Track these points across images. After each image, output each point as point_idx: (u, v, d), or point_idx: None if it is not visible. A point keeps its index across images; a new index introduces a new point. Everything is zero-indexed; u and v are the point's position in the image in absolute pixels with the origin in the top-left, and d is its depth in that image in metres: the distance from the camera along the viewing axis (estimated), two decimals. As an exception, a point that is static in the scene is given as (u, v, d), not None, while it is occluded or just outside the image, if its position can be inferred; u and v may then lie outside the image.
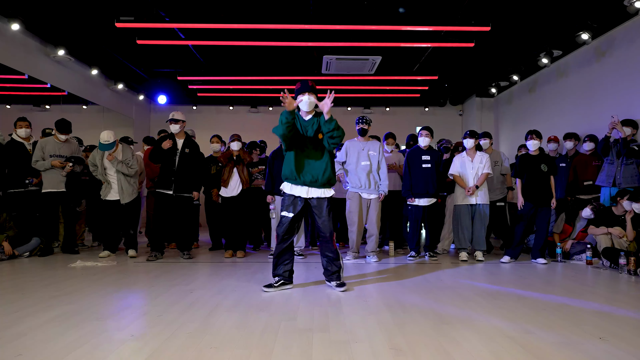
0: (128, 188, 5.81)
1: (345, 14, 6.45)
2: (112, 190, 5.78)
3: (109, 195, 5.79)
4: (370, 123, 5.72)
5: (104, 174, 5.77)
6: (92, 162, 5.80)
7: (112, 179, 5.78)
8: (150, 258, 5.55)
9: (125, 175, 5.77)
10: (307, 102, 3.89)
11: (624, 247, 5.19)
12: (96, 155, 5.79)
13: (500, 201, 6.43)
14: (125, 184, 5.79)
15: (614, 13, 6.27)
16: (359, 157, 5.58)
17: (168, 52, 8.22)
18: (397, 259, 5.81)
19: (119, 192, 5.77)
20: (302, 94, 3.88)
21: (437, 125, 11.23)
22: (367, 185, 5.57)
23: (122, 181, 5.77)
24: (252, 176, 6.24)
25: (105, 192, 5.79)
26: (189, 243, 5.93)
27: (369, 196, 5.62)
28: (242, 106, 12.09)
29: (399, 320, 2.97)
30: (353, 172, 5.61)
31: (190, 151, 5.68)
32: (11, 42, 6.95)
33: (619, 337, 2.64)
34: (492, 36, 6.98)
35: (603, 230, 5.37)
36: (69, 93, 8.53)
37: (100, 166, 5.75)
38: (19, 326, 2.78)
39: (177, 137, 5.66)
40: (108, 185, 5.77)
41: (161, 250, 5.68)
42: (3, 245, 5.50)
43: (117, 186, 5.76)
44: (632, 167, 5.55)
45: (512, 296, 3.71)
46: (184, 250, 5.76)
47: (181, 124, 5.63)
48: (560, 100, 8.15)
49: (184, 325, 2.81)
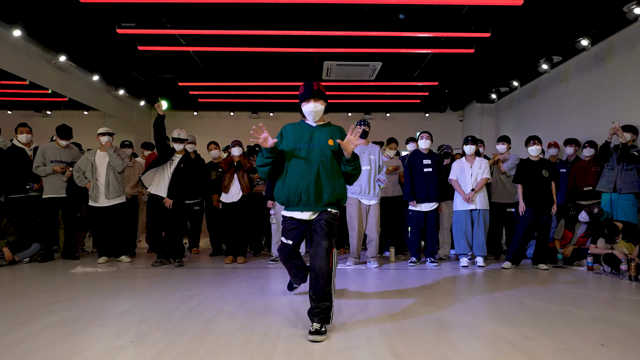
0: (115, 186, 5.84)
1: (345, 20, 6.48)
2: (100, 194, 5.79)
3: (99, 201, 5.80)
4: (370, 126, 5.72)
5: (93, 174, 5.77)
6: (79, 166, 5.82)
7: (100, 178, 5.79)
8: (155, 264, 5.57)
9: (115, 173, 5.82)
10: (312, 111, 3.13)
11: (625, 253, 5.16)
12: (88, 156, 5.86)
13: (510, 206, 6.38)
14: (113, 180, 5.82)
15: (613, 19, 6.29)
16: (360, 161, 5.57)
17: (169, 58, 8.24)
18: (398, 265, 5.80)
19: (104, 191, 5.77)
20: (306, 101, 3.13)
21: (438, 130, 11.28)
22: (366, 191, 5.56)
23: (110, 178, 5.80)
24: (253, 182, 6.25)
25: (95, 195, 5.79)
26: (181, 251, 5.79)
27: (368, 202, 5.62)
28: (243, 112, 12.12)
29: (400, 326, 2.96)
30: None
31: (185, 166, 5.66)
32: (13, 48, 6.97)
33: (620, 343, 2.63)
34: (492, 42, 7.00)
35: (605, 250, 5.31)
36: (70, 99, 8.55)
37: (91, 166, 5.77)
38: (19, 332, 2.77)
39: (177, 153, 5.69)
40: (95, 188, 5.77)
41: (166, 257, 5.66)
42: (3, 251, 5.50)
43: (105, 184, 5.77)
44: (633, 172, 5.55)
45: (513, 302, 3.70)
46: (175, 258, 5.66)
47: (186, 143, 5.71)
48: (561, 106, 8.16)
49: (184, 331, 2.80)
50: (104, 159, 5.85)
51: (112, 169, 5.83)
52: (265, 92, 10.33)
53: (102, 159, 5.85)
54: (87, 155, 5.90)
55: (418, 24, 6.54)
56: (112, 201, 5.84)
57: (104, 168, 5.82)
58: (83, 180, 5.81)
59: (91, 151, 5.98)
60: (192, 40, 7.26)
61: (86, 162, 5.83)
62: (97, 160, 5.84)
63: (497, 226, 6.29)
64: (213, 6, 6.01)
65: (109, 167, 5.82)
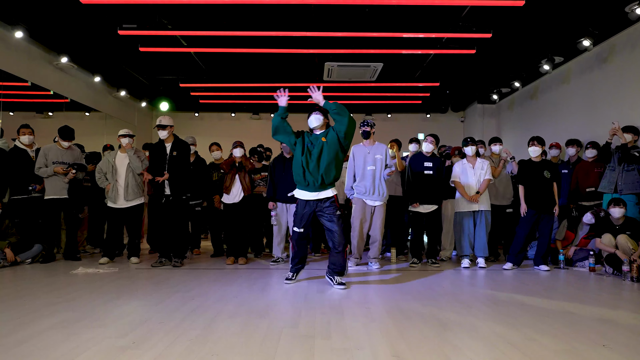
0: (134, 187, 5.88)
1: (346, 21, 6.49)
2: (119, 196, 5.82)
3: (117, 202, 5.83)
4: (374, 126, 5.71)
5: (113, 175, 5.81)
6: (101, 167, 5.89)
7: (120, 179, 5.83)
8: (155, 264, 5.56)
9: (134, 175, 5.86)
10: (312, 118, 4.53)
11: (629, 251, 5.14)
12: (108, 157, 5.93)
13: (509, 207, 6.38)
14: (132, 182, 5.86)
15: (615, 20, 6.28)
16: (365, 161, 5.56)
17: (170, 59, 8.26)
18: (399, 266, 5.79)
19: (123, 192, 5.80)
20: (310, 115, 4.55)
21: (439, 131, 11.17)
22: (371, 191, 5.54)
23: (129, 179, 5.83)
24: (255, 183, 6.24)
25: (113, 196, 5.82)
26: (182, 250, 5.79)
27: (373, 203, 5.59)
28: (244, 113, 12.14)
29: (401, 327, 2.96)
30: (359, 177, 5.59)
31: (179, 153, 5.65)
32: (15, 50, 7.00)
33: (622, 344, 2.63)
34: (494, 43, 7.00)
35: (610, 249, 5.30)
36: (71, 100, 8.58)
37: (112, 167, 5.82)
38: (20, 333, 2.77)
39: (166, 141, 5.66)
40: (114, 189, 5.81)
41: (168, 256, 5.65)
42: (5, 252, 5.51)
43: (124, 186, 5.81)
44: (634, 173, 5.54)
45: (515, 303, 3.70)
46: (175, 258, 5.64)
47: (169, 129, 5.63)
48: (562, 106, 8.15)
49: (186, 332, 2.81)
50: (124, 160, 5.88)
51: (132, 170, 5.86)
52: (267, 93, 10.34)
53: (122, 160, 5.90)
54: (107, 157, 5.96)
55: (419, 24, 6.54)
56: (131, 202, 5.87)
57: (123, 169, 5.86)
58: (104, 181, 5.87)
59: (111, 152, 6.04)
60: (193, 42, 7.28)
61: (107, 163, 5.88)
62: (118, 161, 5.89)
63: (496, 228, 6.28)
64: (214, 7, 6.02)
65: (128, 169, 5.85)
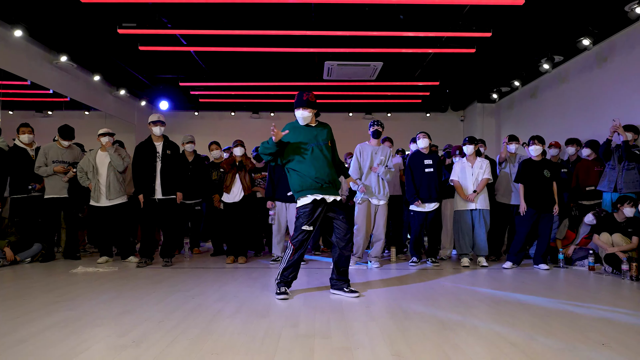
0: (116, 186, 5.83)
1: (346, 20, 6.48)
2: (101, 195, 5.80)
3: (100, 201, 5.81)
4: (383, 126, 5.71)
5: (95, 174, 5.78)
6: (82, 167, 5.84)
7: (101, 179, 5.79)
8: (140, 265, 5.52)
9: (115, 173, 5.82)
10: (300, 117, 3.99)
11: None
12: (89, 156, 5.87)
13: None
14: (114, 180, 5.81)
15: (615, 19, 6.28)
16: (373, 160, 5.55)
17: (170, 58, 8.25)
18: (399, 265, 5.79)
19: (105, 191, 5.77)
20: (296, 109, 3.99)
21: (439, 131, 11.30)
22: (376, 190, 5.54)
23: (111, 178, 5.79)
24: (255, 182, 6.24)
25: (96, 196, 5.80)
26: (171, 249, 5.79)
27: (377, 202, 5.59)
28: (243, 112, 12.13)
29: (401, 326, 2.96)
30: (364, 175, 5.58)
31: (172, 152, 5.68)
32: (14, 49, 6.99)
33: (622, 343, 2.63)
34: (494, 42, 6.99)
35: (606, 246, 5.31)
36: (71, 99, 8.57)
37: (92, 167, 5.78)
38: (20, 332, 2.77)
39: (155, 140, 5.65)
40: (96, 188, 5.78)
41: (150, 257, 5.64)
42: (5, 251, 5.51)
43: (106, 185, 5.77)
44: (634, 172, 5.53)
45: (515, 302, 3.70)
46: (164, 257, 5.64)
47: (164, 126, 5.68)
48: (562, 105, 8.15)
49: (186, 331, 2.81)
50: (105, 159, 5.85)
51: (114, 169, 5.83)
52: (266, 92, 10.34)
53: (102, 159, 5.85)
54: (88, 156, 5.92)
55: (419, 23, 6.54)
56: (114, 201, 5.83)
57: (104, 168, 5.82)
58: (86, 180, 5.83)
59: (92, 151, 5.99)
60: (193, 41, 7.27)
61: (87, 162, 5.84)
62: (98, 160, 5.84)
63: (500, 226, 6.28)
64: (214, 6, 6.02)
65: (110, 167, 5.81)
